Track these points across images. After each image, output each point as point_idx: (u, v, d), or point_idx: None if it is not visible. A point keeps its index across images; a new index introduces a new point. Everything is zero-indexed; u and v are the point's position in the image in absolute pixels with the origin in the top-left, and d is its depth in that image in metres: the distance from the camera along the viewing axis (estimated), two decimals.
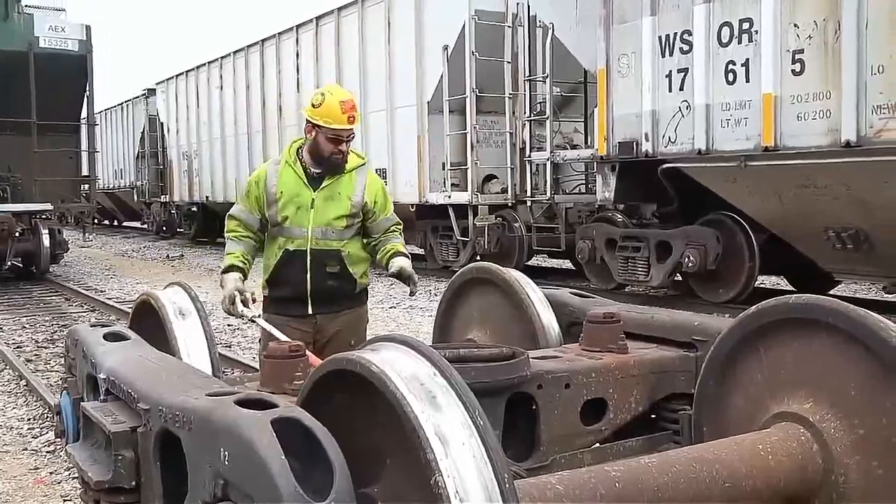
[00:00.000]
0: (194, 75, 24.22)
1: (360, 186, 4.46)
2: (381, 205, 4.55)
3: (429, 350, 2.07)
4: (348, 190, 4.42)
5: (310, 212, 4.35)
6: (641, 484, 2.41)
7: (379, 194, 4.54)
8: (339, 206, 4.40)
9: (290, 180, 4.38)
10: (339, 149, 4.30)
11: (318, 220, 4.36)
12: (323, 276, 4.39)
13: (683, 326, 3.63)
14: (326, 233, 4.38)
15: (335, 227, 4.39)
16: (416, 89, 15.03)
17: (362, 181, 4.48)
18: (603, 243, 11.86)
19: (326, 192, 4.38)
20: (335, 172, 4.39)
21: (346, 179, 4.43)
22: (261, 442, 1.80)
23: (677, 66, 10.16)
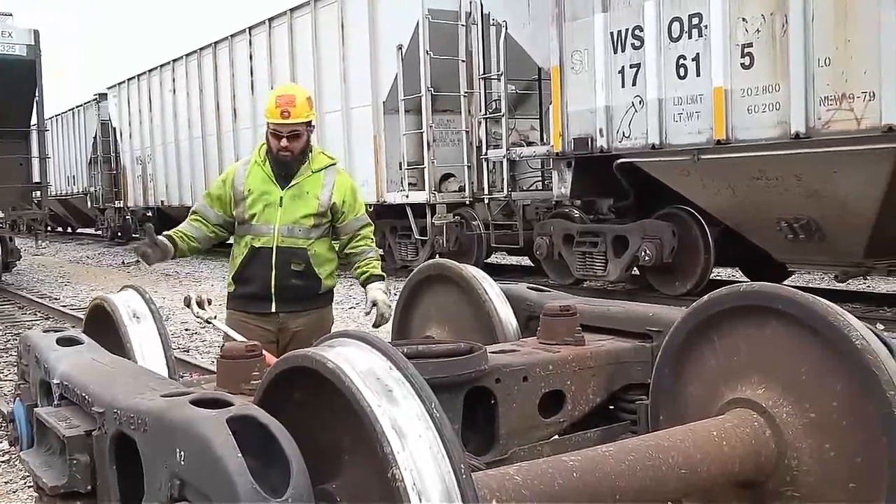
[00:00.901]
0: (146, 79, 23.94)
1: (329, 186, 4.45)
2: (351, 205, 4.53)
3: (384, 344, 2.07)
4: (316, 189, 4.41)
5: (277, 209, 4.35)
6: (599, 472, 2.44)
7: (348, 194, 4.52)
8: (307, 205, 4.39)
9: (258, 178, 4.39)
10: (281, 145, 4.27)
11: (285, 217, 4.36)
12: (288, 275, 4.39)
13: (638, 317, 3.67)
14: (293, 230, 4.38)
15: (302, 225, 4.39)
16: (371, 89, 15.00)
17: (331, 181, 4.47)
18: (560, 239, 11.93)
19: (294, 191, 4.38)
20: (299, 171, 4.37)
21: (314, 179, 4.42)
22: (216, 440, 1.79)
23: (629, 61, 10.26)
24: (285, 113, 4.22)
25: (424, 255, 14.22)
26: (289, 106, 4.23)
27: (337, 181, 4.49)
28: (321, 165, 4.47)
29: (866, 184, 8.25)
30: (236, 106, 19.35)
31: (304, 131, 4.33)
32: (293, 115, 4.23)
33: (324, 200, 4.42)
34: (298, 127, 4.28)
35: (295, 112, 4.24)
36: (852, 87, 8.14)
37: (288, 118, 4.22)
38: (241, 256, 4.46)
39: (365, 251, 4.63)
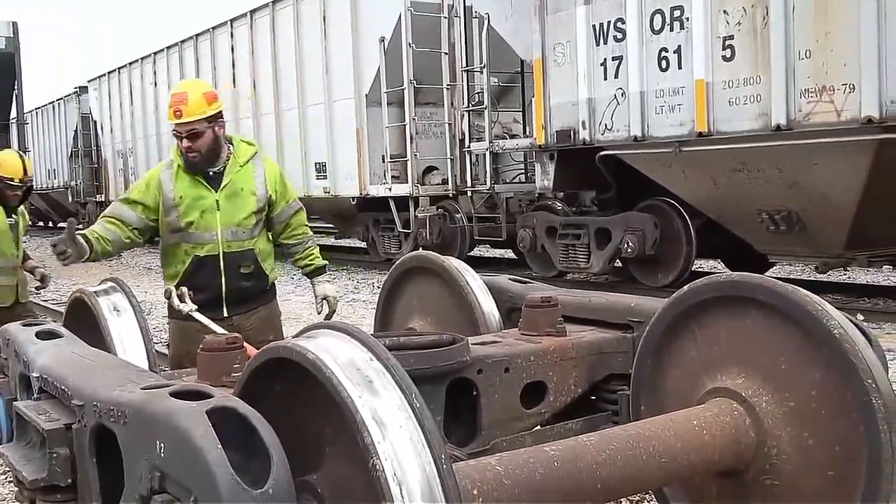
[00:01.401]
0: (127, 72, 23.78)
1: (261, 178, 4.27)
2: (282, 193, 4.38)
3: (365, 335, 2.07)
4: (249, 184, 4.22)
5: (216, 214, 4.14)
6: (580, 462, 2.45)
7: (279, 182, 4.37)
8: (246, 204, 4.20)
9: (186, 183, 4.16)
10: (183, 146, 4.08)
11: (226, 221, 4.16)
12: (238, 278, 4.24)
13: (620, 308, 3.69)
14: (237, 234, 4.21)
15: (245, 226, 4.22)
16: (354, 82, 14.95)
17: (261, 171, 4.30)
18: (543, 231, 11.95)
19: (229, 191, 4.18)
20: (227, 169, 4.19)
21: (245, 173, 4.22)
22: (196, 432, 1.79)
23: (612, 54, 10.28)
24: (178, 112, 4.01)
25: (408, 248, 14.21)
26: (181, 105, 4.01)
27: (266, 170, 4.32)
28: (247, 156, 4.27)
29: (847, 175, 8.30)
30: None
31: (205, 129, 4.07)
32: (186, 113, 4.01)
33: (260, 195, 4.25)
34: (196, 125, 4.04)
35: (188, 110, 4.02)
36: (832, 80, 8.19)
37: (181, 118, 4.02)
38: (182, 266, 4.21)
39: (303, 241, 4.52)
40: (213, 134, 4.10)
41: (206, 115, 4.05)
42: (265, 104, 17.51)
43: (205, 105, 4.05)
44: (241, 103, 18.33)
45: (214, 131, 4.10)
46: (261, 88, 17.62)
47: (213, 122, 4.09)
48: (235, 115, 18.46)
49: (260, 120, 17.73)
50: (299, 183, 16.52)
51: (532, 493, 2.31)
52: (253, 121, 17.90)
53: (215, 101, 4.13)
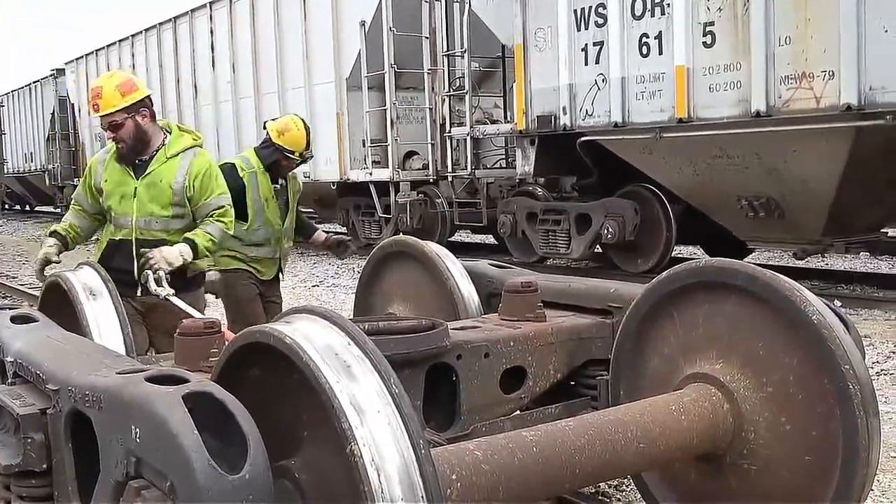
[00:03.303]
0: (104, 54, 23.51)
1: (183, 172, 4.30)
2: (201, 188, 4.34)
3: (343, 320, 2.06)
4: (170, 177, 4.28)
5: (133, 201, 4.27)
6: (558, 447, 2.46)
7: (199, 178, 4.32)
8: (162, 195, 4.28)
9: (115, 169, 4.34)
10: (108, 137, 4.26)
11: (140, 209, 4.28)
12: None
13: (599, 293, 3.70)
14: (150, 223, 4.29)
15: (159, 216, 4.29)
16: (335, 66, 14.84)
17: (185, 167, 4.32)
18: (524, 217, 11.94)
19: (149, 180, 4.28)
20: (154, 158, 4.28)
21: (169, 165, 4.30)
22: (172, 417, 1.77)
23: (593, 39, 10.25)
24: (95, 106, 4.19)
25: (388, 233, 14.17)
26: (96, 99, 4.18)
27: (192, 164, 4.33)
28: (179, 149, 4.33)
29: (825, 162, 8.34)
30: (197, 82, 19.07)
31: (125, 119, 4.19)
32: (101, 106, 4.17)
33: (177, 188, 4.29)
34: (114, 117, 4.17)
35: (103, 103, 4.17)
36: (812, 67, 8.20)
37: (98, 111, 4.19)
38: (103, 245, 4.42)
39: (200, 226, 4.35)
40: (135, 123, 4.21)
41: (121, 107, 4.16)
42: (244, 87, 17.36)
43: (119, 97, 4.17)
44: (220, 87, 18.17)
45: (136, 121, 4.21)
46: (240, 72, 17.47)
47: (134, 112, 4.21)
48: (214, 99, 18.32)
49: (239, 104, 17.58)
50: None
51: (511, 477, 2.31)
52: (232, 104, 17.75)
53: (132, 91, 4.22)
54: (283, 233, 5.39)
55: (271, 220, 5.28)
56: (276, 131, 5.25)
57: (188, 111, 19.49)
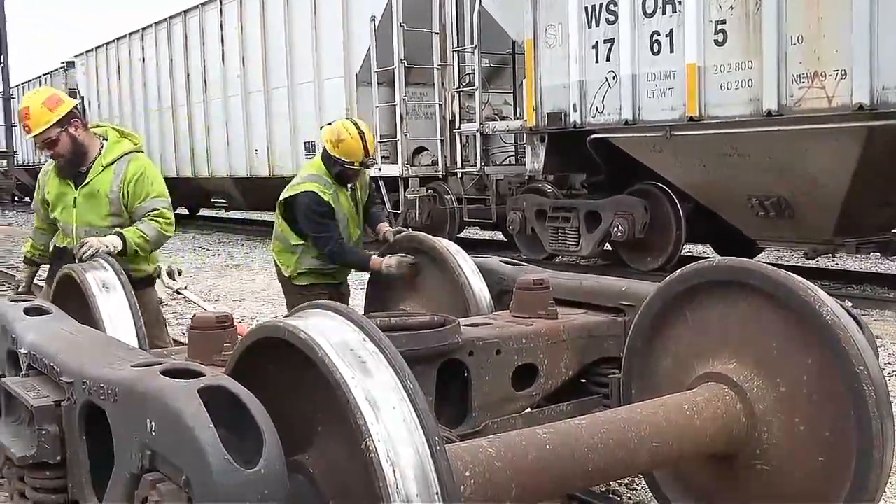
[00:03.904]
0: (115, 47, 23.54)
1: (118, 180, 4.27)
2: (135, 193, 4.29)
3: (358, 316, 2.05)
4: (106, 187, 4.27)
5: (73, 210, 4.30)
6: (571, 445, 2.45)
7: (132, 182, 4.29)
8: (99, 206, 4.28)
9: (56, 181, 4.37)
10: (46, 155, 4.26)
11: (79, 219, 4.30)
12: None
13: (611, 292, 3.69)
14: (90, 232, 4.25)
15: (97, 226, 4.27)
16: (344, 61, 14.84)
17: (120, 173, 4.28)
18: (533, 214, 11.93)
19: (87, 190, 4.29)
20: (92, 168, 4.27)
21: (106, 174, 4.28)
22: (188, 411, 1.77)
23: (604, 36, 10.23)
24: (26, 128, 4.19)
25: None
26: (26, 120, 4.18)
27: (126, 170, 4.28)
28: (115, 157, 4.29)
29: (837, 162, 8.31)
30: (207, 76, 19.10)
31: (58, 134, 4.17)
32: (33, 126, 4.16)
33: (114, 198, 4.28)
34: (48, 133, 4.16)
35: (33, 123, 4.16)
36: (824, 66, 8.17)
37: (30, 131, 4.18)
38: (51, 249, 4.54)
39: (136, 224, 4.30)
40: (69, 136, 4.20)
41: (53, 122, 4.15)
42: (254, 82, 17.38)
43: (48, 113, 4.16)
44: (229, 81, 18.19)
45: (69, 133, 4.19)
46: (250, 66, 17.49)
47: (66, 125, 4.20)
48: (224, 93, 18.34)
49: (248, 98, 17.61)
50: (288, 162, 16.44)
51: (524, 475, 2.31)
52: (241, 99, 17.77)
53: (59, 104, 4.21)
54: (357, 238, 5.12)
55: (351, 231, 5.00)
56: (330, 143, 4.81)
57: (198, 106, 19.53)
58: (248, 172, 17.88)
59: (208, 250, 16.40)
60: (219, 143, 18.83)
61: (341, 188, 4.86)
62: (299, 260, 4.84)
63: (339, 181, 4.83)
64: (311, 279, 4.89)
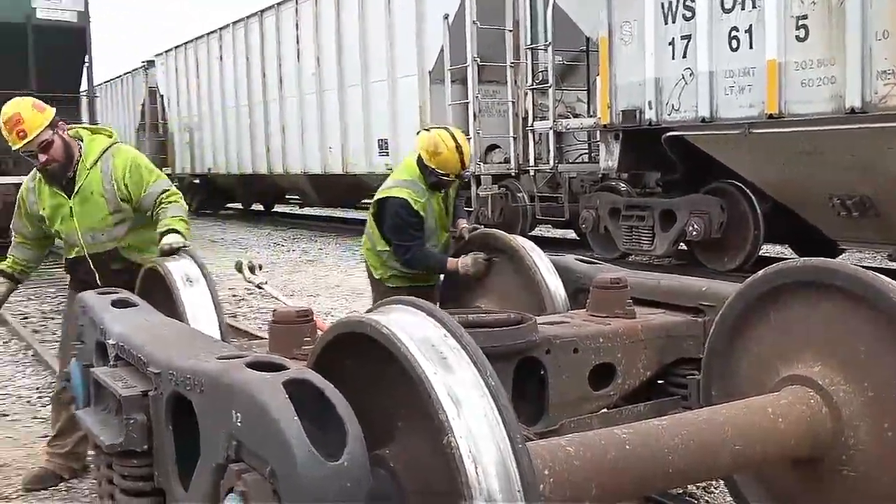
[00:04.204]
0: (193, 47, 24.06)
1: (108, 177, 4.17)
2: (134, 185, 4.19)
3: (439, 312, 2.06)
4: (97, 187, 4.17)
5: (72, 220, 4.19)
6: (652, 446, 2.42)
7: (126, 176, 4.18)
8: (97, 208, 4.19)
9: (46, 194, 4.23)
10: (41, 161, 4.07)
11: (82, 225, 4.19)
12: (110, 274, 4.24)
13: (690, 291, 3.63)
14: (96, 237, 4.22)
15: (102, 228, 4.22)
16: (418, 59, 14.93)
17: (108, 171, 4.18)
18: (606, 212, 11.83)
19: (81, 196, 4.16)
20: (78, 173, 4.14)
21: (93, 175, 4.16)
22: (273, 403, 1.80)
23: (680, 32, 10.08)
24: (21, 133, 4.00)
25: None
26: (19, 125, 4.00)
27: (113, 167, 4.18)
28: (95, 156, 4.19)
29: None
30: (282, 74, 19.39)
31: (52, 136, 4.07)
32: (29, 130, 4.01)
33: (109, 196, 4.17)
34: (43, 136, 4.04)
35: (29, 126, 4.02)
36: None
37: (26, 136, 4.01)
38: (65, 263, 4.41)
39: (160, 215, 4.17)
40: (61, 137, 4.10)
41: (46, 123, 4.04)
42: (329, 80, 17.59)
43: (40, 115, 4.05)
44: (304, 79, 18.44)
45: (60, 135, 4.10)
46: (324, 64, 17.70)
47: (55, 127, 4.10)
48: (299, 91, 18.59)
49: (323, 96, 17.82)
50: (361, 159, 16.60)
51: (603, 474, 2.29)
52: (316, 97, 18.00)
53: (45, 108, 4.11)
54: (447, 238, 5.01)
55: (440, 235, 4.93)
56: (427, 153, 4.69)
57: (273, 104, 19.84)
58: (321, 169, 18.10)
59: (283, 246, 16.65)
60: (294, 140, 19.11)
61: (435, 193, 4.81)
62: (386, 263, 4.85)
63: (433, 188, 4.78)
64: (402, 282, 4.86)
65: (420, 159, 4.74)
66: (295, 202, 25.62)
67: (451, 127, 4.82)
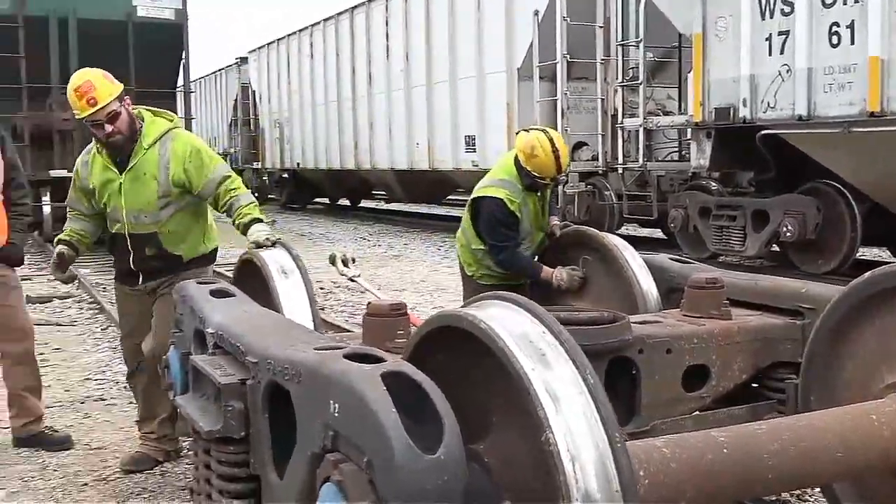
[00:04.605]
0: (285, 43, 24.49)
1: (165, 161, 4.12)
2: (195, 172, 4.14)
3: (536, 307, 2.05)
4: (152, 168, 4.12)
5: (120, 196, 4.15)
6: (750, 450, 2.36)
7: (187, 162, 4.13)
8: (147, 189, 4.13)
9: (98, 168, 4.22)
10: (107, 132, 4.02)
11: (129, 203, 4.16)
12: (145, 258, 4.27)
13: (789, 293, 3.54)
14: (139, 217, 4.19)
15: (148, 210, 4.18)
16: (506, 56, 14.90)
17: (166, 154, 4.13)
18: (696, 212, 11.61)
19: (132, 174, 4.13)
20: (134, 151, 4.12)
21: (150, 156, 4.12)
22: (372, 395, 1.81)
23: (778, 28, 9.82)
24: (91, 101, 3.96)
25: None
26: (90, 92, 3.97)
27: (172, 151, 4.13)
28: (154, 138, 4.13)
29: None
30: (372, 71, 19.59)
31: (120, 107, 4.04)
32: (100, 98, 3.98)
33: (163, 179, 4.13)
34: (111, 106, 4.01)
35: (100, 94, 3.99)
36: None
37: (96, 104, 3.97)
38: (108, 240, 4.46)
39: (233, 204, 4.18)
40: (127, 111, 4.07)
41: (116, 94, 4.02)
42: (417, 77, 17.70)
43: (111, 85, 4.02)
44: (393, 76, 18.59)
45: (126, 109, 4.08)
46: (413, 61, 17.82)
47: (123, 99, 4.08)
48: (388, 87, 18.75)
49: (411, 92, 17.95)
50: (448, 155, 16.65)
51: (699, 478, 2.24)
52: (404, 93, 18.13)
53: (114, 79, 4.09)
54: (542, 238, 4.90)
55: (535, 236, 4.84)
56: (524, 154, 4.61)
57: (362, 100, 20.06)
58: (408, 165, 18.23)
59: (368, 240, 16.82)
60: (381, 136, 19.28)
61: (531, 194, 4.74)
62: (480, 261, 4.84)
63: (529, 189, 4.71)
64: (493, 280, 4.82)
65: (517, 160, 4.68)
66: (381, 197, 25.87)
67: (549, 129, 4.75)
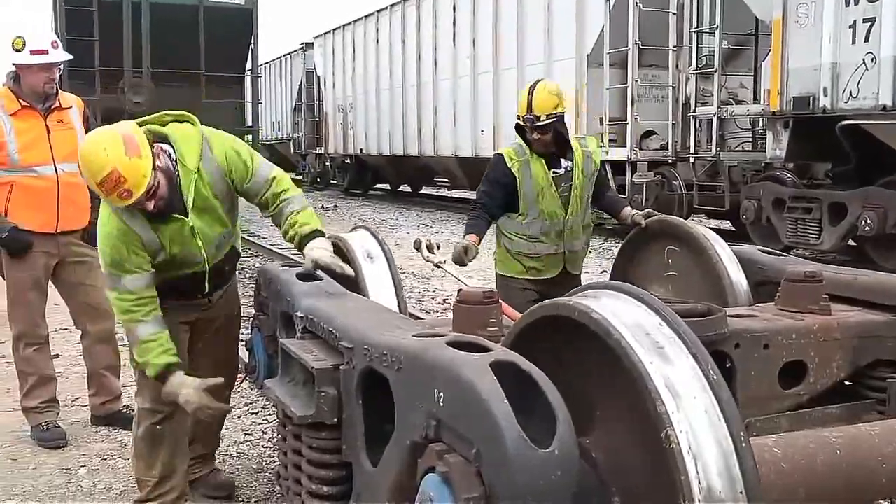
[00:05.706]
0: (350, 29, 24.54)
1: (214, 172, 3.41)
2: (240, 171, 3.45)
3: (652, 298, 1.96)
4: (208, 188, 3.40)
5: (196, 239, 3.42)
6: (863, 453, 2.26)
7: (230, 163, 3.43)
8: (216, 212, 3.46)
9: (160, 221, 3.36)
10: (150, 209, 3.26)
11: (207, 241, 3.45)
12: (222, 279, 3.72)
13: (891, 289, 3.38)
14: (220, 245, 3.56)
15: (224, 233, 3.54)
16: (576, 42, 14.70)
17: (212, 164, 3.40)
18: (770, 203, 11.33)
19: (196, 210, 3.40)
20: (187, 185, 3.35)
21: (200, 178, 3.39)
22: (482, 385, 1.74)
23: (863, 15, 9.50)
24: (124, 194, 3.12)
25: None
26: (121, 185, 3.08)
27: (214, 160, 3.40)
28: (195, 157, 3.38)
29: None
30: (437, 56, 19.52)
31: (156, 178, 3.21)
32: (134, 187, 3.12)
33: (220, 191, 3.44)
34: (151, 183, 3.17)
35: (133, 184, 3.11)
36: None
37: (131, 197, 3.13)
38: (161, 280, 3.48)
39: (283, 209, 3.50)
40: (162, 172, 3.25)
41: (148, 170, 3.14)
42: (484, 63, 17.58)
43: (139, 162, 3.12)
44: (459, 61, 18.51)
45: (161, 170, 3.24)
46: (480, 47, 17.70)
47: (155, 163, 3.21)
48: (454, 74, 18.67)
49: (478, 79, 17.84)
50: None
51: (813, 480, 2.15)
52: (470, 79, 18.04)
53: (142, 144, 3.16)
54: (566, 224, 4.59)
55: (548, 212, 4.52)
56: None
57: (427, 86, 20.02)
58: (472, 152, 18.14)
59: (431, 227, 16.79)
60: (446, 122, 19.22)
61: (537, 158, 4.51)
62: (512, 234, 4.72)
63: (537, 152, 4.52)
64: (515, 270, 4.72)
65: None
66: (443, 184, 25.82)
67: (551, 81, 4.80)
